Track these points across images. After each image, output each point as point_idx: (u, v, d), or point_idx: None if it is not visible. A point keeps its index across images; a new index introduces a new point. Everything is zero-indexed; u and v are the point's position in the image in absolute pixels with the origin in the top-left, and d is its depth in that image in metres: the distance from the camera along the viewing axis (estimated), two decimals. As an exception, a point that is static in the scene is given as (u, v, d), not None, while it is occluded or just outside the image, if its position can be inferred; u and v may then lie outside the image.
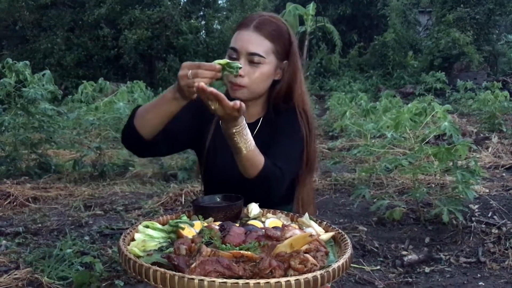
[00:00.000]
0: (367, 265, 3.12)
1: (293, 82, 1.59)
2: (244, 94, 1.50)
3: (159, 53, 17.15)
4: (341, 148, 6.98)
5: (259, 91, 1.54)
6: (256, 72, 1.50)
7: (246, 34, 1.51)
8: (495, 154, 6.17)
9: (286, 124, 1.55)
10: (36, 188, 4.95)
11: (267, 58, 1.50)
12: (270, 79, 1.54)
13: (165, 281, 0.96)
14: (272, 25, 1.53)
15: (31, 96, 5.29)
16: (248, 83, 1.49)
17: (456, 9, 15.47)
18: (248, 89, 1.50)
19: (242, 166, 1.38)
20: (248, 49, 1.49)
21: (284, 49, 1.55)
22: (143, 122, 1.43)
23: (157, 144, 1.48)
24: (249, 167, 1.37)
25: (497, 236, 3.43)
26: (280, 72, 1.56)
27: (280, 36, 1.53)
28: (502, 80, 12.69)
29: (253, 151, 1.35)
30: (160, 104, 1.40)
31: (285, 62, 1.56)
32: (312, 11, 17.03)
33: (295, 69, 1.58)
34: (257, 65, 1.49)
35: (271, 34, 1.52)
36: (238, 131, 1.31)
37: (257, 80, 1.50)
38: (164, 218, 1.34)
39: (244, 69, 1.47)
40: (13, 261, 3.09)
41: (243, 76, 1.48)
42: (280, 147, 1.50)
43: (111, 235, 3.65)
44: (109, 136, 6.21)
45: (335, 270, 1.03)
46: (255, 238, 1.11)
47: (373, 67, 17.63)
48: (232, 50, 1.52)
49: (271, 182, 1.40)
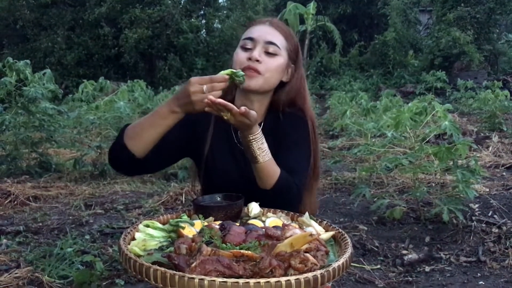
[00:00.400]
0: (367, 264, 3.12)
1: (301, 88, 1.61)
2: (258, 82, 1.50)
3: (159, 52, 17.16)
4: (341, 147, 6.99)
5: (271, 83, 1.54)
6: (271, 61, 1.51)
7: (262, 27, 1.55)
8: (495, 153, 6.17)
9: (295, 132, 1.56)
10: (36, 187, 4.95)
11: (282, 51, 1.53)
12: (280, 75, 1.56)
13: (165, 281, 0.96)
14: (284, 26, 1.59)
15: (31, 95, 5.30)
16: (263, 70, 1.50)
17: (457, 8, 15.45)
18: (263, 76, 1.50)
19: (258, 176, 1.42)
20: (266, 38, 1.51)
21: (294, 51, 1.58)
22: (137, 140, 1.41)
23: (148, 161, 1.46)
24: (265, 177, 1.40)
25: (497, 235, 3.43)
26: (288, 74, 1.58)
27: (292, 37, 1.58)
28: (502, 79, 12.68)
29: (269, 162, 1.39)
30: (155, 120, 1.39)
31: (292, 66, 1.58)
32: (313, 10, 17.02)
33: (302, 75, 1.62)
34: (273, 55, 1.51)
35: (285, 32, 1.56)
36: (254, 138, 1.35)
37: (272, 69, 1.51)
38: (164, 217, 1.35)
39: (261, 56, 1.49)
40: (14, 260, 3.10)
41: (260, 62, 1.49)
42: (293, 160, 1.51)
43: (111, 234, 3.66)
44: (109, 135, 6.20)
45: (335, 269, 1.03)
46: (255, 238, 1.11)
47: (373, 66, 17.62)
48: (248, 39, 1.52)
49: (286, 194, 1.44)
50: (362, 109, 6.53)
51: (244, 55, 1.50)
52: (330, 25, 18.15)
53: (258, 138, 1.36)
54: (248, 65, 1.48)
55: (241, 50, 1.52)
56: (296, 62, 1.59)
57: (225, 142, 1.59)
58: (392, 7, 17.83)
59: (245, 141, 1.37)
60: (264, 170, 1.39)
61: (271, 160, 1.40)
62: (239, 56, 1.51)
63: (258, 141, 1.36)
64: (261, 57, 1.49)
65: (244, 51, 1.51)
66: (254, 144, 1.36)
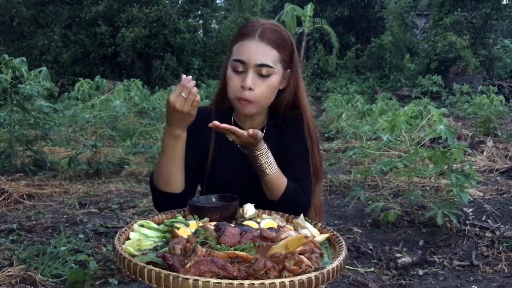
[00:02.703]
0: (361, 267, 3.12)
1: (298, 90, 1.58)
2: (252, 110, 1.49)
3: (156, 52, 17.12)
4: (337, 149, 7.00)
5: (266, 104, 1.52)
6: (265, 84, 1.46)
7: (252, 45, 1.45)
8: (489, 158, 6.19)
9: (298, 141, 1.57)
10: (31, 185, 4.93)
11: (276, 68, 1.47)
12: (275, 91, 1.52)
13: (159, 281, 0.96)
14: (276, 33, 1.49)
15: (27, 93, 5.27)
16: (257, 98, 1.46)
17: (453, 12, 15.52)
18: (257, 103, 1.48)
19: (266, 189, 1.46)
20: (256, 61, 1.44)
21: (288, 58, 1.52)
22: (169, 180, 1.44)
23: (188, 191, 1.50)
24: (273, 189, 1.45)
25: (491, 239, 3.44)
26: (285, 82, 1.55)
27: (285, 44, 1.50)
28: (497, 85, 12.74)
29: (276, 173, 1.43)
30: (169, 153, 1.42)
31: (288, 71, 1.54)
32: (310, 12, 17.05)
33: (298, 77, 1.57)
34: (266, 77, 1.46)
35: (276, 42, 1.47)
36: (260, 153, 1.39)
37: (266, 93, 1.48)
38: (159, 218, 1.35)
39: (254, 81, 1.44)
40: (7, 258, 3.08)
41: (253, 90, 1.45)
42: (299, 169, 1.53)
43: (105, 233, 3.64)
44: (105, 134, 6.18)
45: (329, 271, 1.03)
46: (250, 239, 1.12)
47: (370, 69, 17.67)
48: (239, 62, 1.45)
49: (294, 202, 1.48)
50: (358, 112, 6.55)
51: (237, 81, 1.46)
52: (327, 28, 18.20)
53: (264, 153, 1.40)
54: (241, 97, 1.45)
55: (233, 73, 1.47)
56: (291, 67, 1.54)
57: (228, 147, 1.57)
58: (389, 11, 17.91)
59: (252, 156, 1.41)
60: (272, 182, 1.44)
61: (278, 172, 1.44)
62: (233, 83, 1.47)
63: (264, 156, 1.40)
64: (254, 83, 1.44)
65: (236, 74, 1.46)
66: (260, 158, 1.40)
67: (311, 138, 1.59)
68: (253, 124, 1.57)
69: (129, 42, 15.97)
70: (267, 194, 1.47)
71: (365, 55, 18.42)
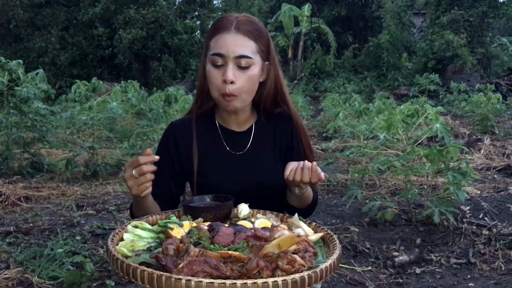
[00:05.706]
0: (359, 266, 3.13)
1: (278, 80, 1.57)
2: (237, 105, 1.48)
3: (153, 53, 17.14)
4: (334, 149, 7.00)
5: (250, 97, 1.51)
6: (246, 75, 1.44)
7: (229, 37, 1.43)
8: (487, 156, 6.20)
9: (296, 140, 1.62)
10: (28, 187, 4.93)
11: (255, 59, 1.45)
12: (258, 82, 1.51)
13: (152, 281, 0.96)
14: (251, 24, 1.47)
15: (24, 95, 5.27)
16: (239, 90, 1.45)
17: (450, 11, 15.56)
18: (240, 97, 1.46)
19: (297, 201, 1.51)
20: (235, 52, 1.42)
21: (266, 48, 1.50)
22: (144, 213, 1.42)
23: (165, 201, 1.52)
24: (304, 201, 1.52)
25: (488, 237, 3.45)
26: (264, 73, 1.53)
27: (261, 35, 1.48)
28: (495, 83, 12.78)
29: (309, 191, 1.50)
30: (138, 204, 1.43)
31: (267, 63, 1.53)
32: (307, 12, 17.09)
33: (277, 67, 1.56)
34: (246, 68, 1.44)
35: (252, 33, 1.46)
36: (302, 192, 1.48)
37: (248, 85, 1.46)
38: (153, 218, 1.34)
39: (234, 74, 1.43)
40: (4, 260, 3.07)
41: (234, 83, 1.43)
42: None
43: (102, 235, 3.64)
44: (102, 135, 6.18)
45: (322, 270, 1.03)
46: (244, 239, 1.11)
47: (367, 69, 17.70)
48: (217, 56, 1.43)
49: (316, 205, 1.61)
50: (355, 111, 6.56)
51: (217, 75, 1.44)
52: (324, 27, 18.24)
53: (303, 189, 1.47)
54: (225, 93, 1.44)
55: (213, 67, 1.45)
56: (269, 58, 1.52)
57: (216, 151, 1.57)
58: (386, 10, 17.93)
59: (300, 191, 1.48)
60: (306, 195, 1.50)
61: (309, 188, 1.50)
62: (214, 79, 1.45)
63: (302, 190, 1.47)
64: (235, 75, 1.43)
65: (216, 68, 1.44)
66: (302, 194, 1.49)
67: (303, 131, 1.63)
68: (238, 122, 1.57)
69: (127, 44, 15.98)
70: (294, 204, 1.52)
71: (362, 54, 18.45)
